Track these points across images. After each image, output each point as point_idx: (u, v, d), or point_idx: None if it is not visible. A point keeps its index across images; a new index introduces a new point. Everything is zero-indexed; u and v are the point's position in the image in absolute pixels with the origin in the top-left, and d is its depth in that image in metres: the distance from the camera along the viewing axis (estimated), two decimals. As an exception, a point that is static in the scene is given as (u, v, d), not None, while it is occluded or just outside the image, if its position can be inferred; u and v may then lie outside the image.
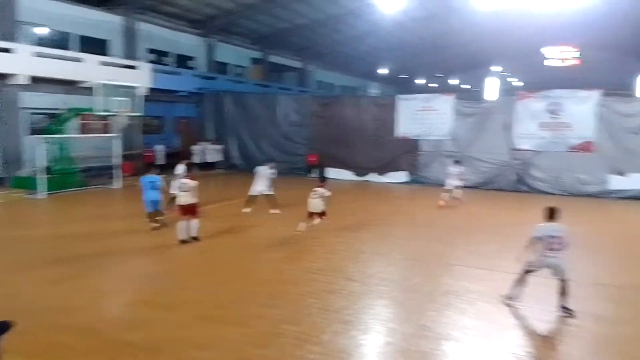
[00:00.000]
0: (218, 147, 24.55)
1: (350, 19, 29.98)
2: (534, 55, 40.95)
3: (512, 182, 19.41)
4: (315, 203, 10.47)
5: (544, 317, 6.38)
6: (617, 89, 21.70)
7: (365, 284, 7.55)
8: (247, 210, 13.04)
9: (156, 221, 10.99)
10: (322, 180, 11.49)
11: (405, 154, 21.52)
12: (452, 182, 15.02)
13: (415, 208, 15.50)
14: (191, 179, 10.14)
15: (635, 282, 8.01)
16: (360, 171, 22.24)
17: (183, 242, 9.72)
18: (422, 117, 20.72)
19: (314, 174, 22.11)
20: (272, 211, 12.90)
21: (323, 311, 6.44)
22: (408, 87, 45.79)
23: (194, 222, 9.85)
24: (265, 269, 8.48)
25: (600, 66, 39.39)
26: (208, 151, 24.26)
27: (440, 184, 20.25)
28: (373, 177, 22.02)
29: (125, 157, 19.34)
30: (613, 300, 7.09)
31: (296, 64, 36.30)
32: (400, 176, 21.57)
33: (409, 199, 18.20)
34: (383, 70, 41.87)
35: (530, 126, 18.88)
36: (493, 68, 42.72)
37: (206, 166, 23.45)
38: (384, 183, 21.36)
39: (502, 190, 19.18)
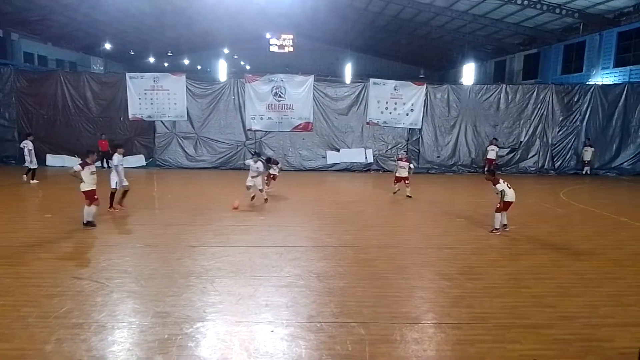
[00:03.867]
0: None
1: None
2: (259, 40, 43.62)
3: (248, 161, 20.55)
4: None
5: (278, 282, 6.95)
6: (328, 75, 24.97)
7: (95, 280, 6.84)
8: None
9: None
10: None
11: (140, 136, 20.49)
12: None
13: (153, 192, 14.83)
14: None
15: (344, 241, 9.43)
16: (88, 157, 20.12)
17: None
18: (153, 97, 19.94)
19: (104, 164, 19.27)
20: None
21: (43, 319, 5.57)
22: (138, 66, 43.26)
23: None
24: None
25: (313, 54, 44.71)
26: None
27: (178, 166, 20.15)
28: (105, 163, 20.20)
29: None
30: (331, 259, 8.19)
31: (-8, 30, 30.10)
32: (137, 160, 20.44)
33: (146, 183, 17.32)
34: (107, 46, 38.44)
35: (260, 108, 20.19)
36: (223, 50, 43.83)
37: None
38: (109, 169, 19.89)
39: (240, 169, 20.08)
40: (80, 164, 9.81)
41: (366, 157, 20.78)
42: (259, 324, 5.62)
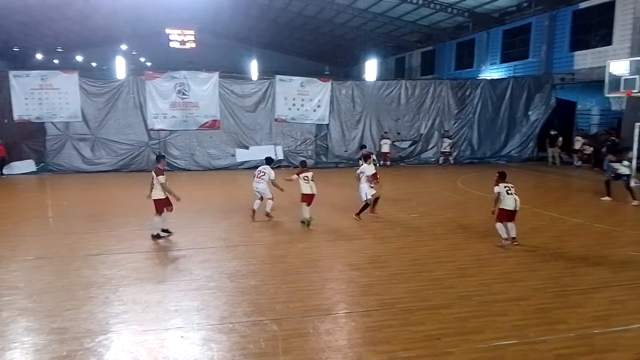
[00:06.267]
0: None
1: None
2: (160, 36, 41.80)
3: (153, 162, 19.60)
4: None
5: (188, 286, 6.75)
6: (232, 71, 24.57)
7: (-20, 299, 6.21)
8: None
9: None
10: None
11: (28, 139, 18.86)
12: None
13: (46, 199, 13.71)
14: None
15: (256, 239, 9.39)
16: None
17: None
18: (42, 96, 18.39)
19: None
20: None
21: None
22: (24, 63, 39.57)
23: None
24: None
25: (218, 50, 43.69)
26: None
27: (74, 171, 18.78)
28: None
29: None
30: (243, 258, 8.10)
31: None
32: (26, 166, 18.79)
33: (37, 190, 15.98)
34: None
35: (163, 106, 19.41)
36: (120, 46, 41.48)
37: None
38: (5, 176, 18.14)
39: (144, 170, 19.18)
40: (161, 174, 8.99)
41: (276, 154, 20.76)
42: (168, 331, 5.43)
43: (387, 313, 5.88)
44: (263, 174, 10.80)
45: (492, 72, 27.26)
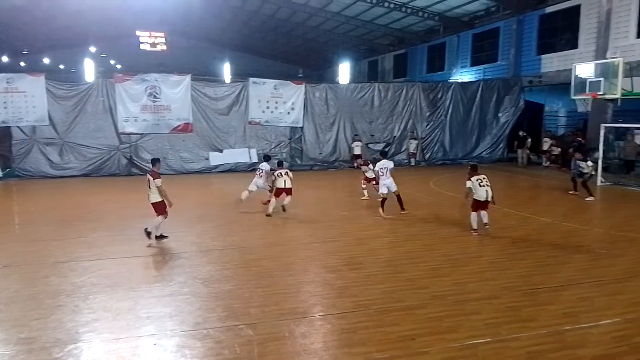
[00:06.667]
0: None
1: None
2: (130, 38, 41.14)
3: (124, 166, 19.32)
4: None
5: (161, 292, 6.63)
6: (205, 74, 24.32)
7: (-59, 311, 5.96)
8: None
9: None
10: None
11: (-7, 144, 18.27)
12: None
13: (12, 206, 13.29)
14: None
15: (230, 242, 9.31)
16: None
17: None
18: (7, 100, 17.87)
19: None
20: None
21: None
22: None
23: None
24: None
25: (189, 52, 43.21)
26: None
27: (42, 176, 18.28)
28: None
29: None
30: (217, 262, 8.01)
31: None
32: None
33: (2, 197, 15.51)
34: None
35: (133, 109, 19.08)
36: (89, 48, 40.60)
37: None
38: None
39: (115, 175, 18.92)
40: (157, 177, 9.11)
41: (250, 157, 20.63)
42: (140, 338, 5.32)
43: (362, 315, 5.90)
44: (262, 171, 12.32)
45: (463, 75, 27.72)
